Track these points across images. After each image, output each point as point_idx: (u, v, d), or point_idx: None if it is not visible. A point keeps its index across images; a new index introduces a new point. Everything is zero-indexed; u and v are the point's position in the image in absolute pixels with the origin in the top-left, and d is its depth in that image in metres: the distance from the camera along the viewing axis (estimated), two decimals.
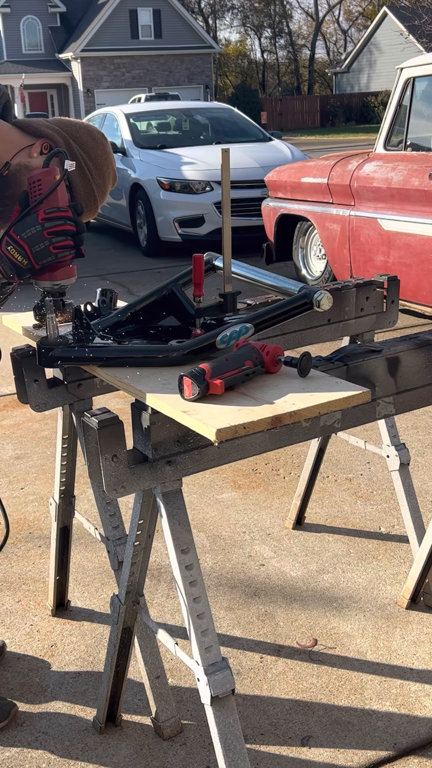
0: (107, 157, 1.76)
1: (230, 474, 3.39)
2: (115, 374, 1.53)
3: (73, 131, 1.72)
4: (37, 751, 1.97)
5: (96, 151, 1.73)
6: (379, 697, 2.10)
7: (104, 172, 1.75)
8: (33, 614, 2.50)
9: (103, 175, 1.74)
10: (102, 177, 1.74)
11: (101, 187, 1.76)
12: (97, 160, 1.73)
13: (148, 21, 36.05)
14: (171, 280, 1.78)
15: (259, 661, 2.26)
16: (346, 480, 3.31)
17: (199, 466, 1.52)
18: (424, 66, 5.02)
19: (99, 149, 1.74)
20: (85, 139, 1.73)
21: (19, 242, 1.54)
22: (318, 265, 6.23)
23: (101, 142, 1.75)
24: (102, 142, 1.76)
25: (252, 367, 1.43)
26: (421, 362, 1.77)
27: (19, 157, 1.66)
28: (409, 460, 2.45)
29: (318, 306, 1.61)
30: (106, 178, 1.76)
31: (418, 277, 4.85)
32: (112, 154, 1.79)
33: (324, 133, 32.62)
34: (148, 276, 7.58)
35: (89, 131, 1.75)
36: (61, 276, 1.61)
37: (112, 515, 2.01)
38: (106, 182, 1.77)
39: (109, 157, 1.76)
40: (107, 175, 1.76)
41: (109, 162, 1.76)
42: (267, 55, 57.46)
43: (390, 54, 36.19)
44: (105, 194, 1.78)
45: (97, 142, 1.74)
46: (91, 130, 1.75)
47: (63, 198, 1.58)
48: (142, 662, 1.93)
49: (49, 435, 3.89)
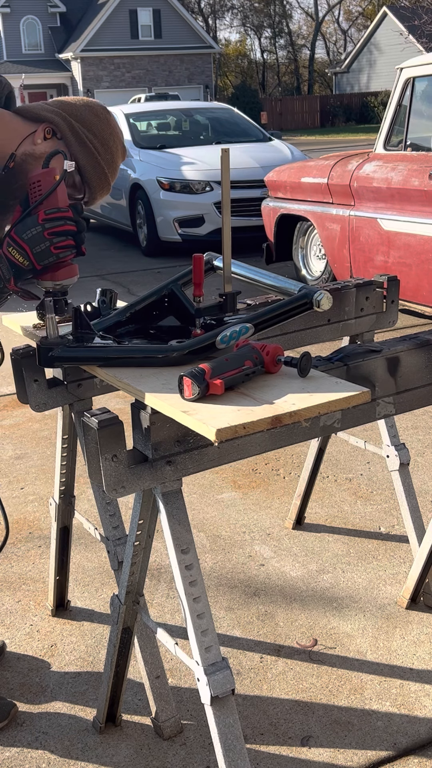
0: (112, 130, 1.73)
1: (230, 474, 3.39)
2: (115, 374, 1.53)
3: (74, 110, 1.70)
4: (37, 751, 1.97)
5: (100, 127, 1.71)
6: (379, 697, 2.10)
7: (111, 147, 1.72)
8: (33, 614, 2.50)
9: (110, 150, 1.72)
10: (110, 152, 1.72)
11: (110, 163, 1.74)
12: (103, 135, 1.71)
13: (148, 21, 36.04)
14: (171, 280, 1.78)
15: (259, 661, 2.26)
16: (346, 480, 3.31)
17: (199, 466, 1.52)
18: (424, 66, 5.02)
19: (103, 124, 1.72)
20: (87, 116, 1.70)
21: (20, 243, 1.54)
22: (318, 265, 6.23)
23: (104, 116, 1.73)
24: (105, 116, 1.73)
25: (252, 367, 1.43)
26: (421, 362, 1.77)
27: (23, 146, 1.65)
28: (409, 460, 2.45)
29: (318, 306, 1.61)
30: (114, 152, 1.73)
31: (418, 277, 4.85)
32: (118, 126, 1.76)
33: (324, 133, 32.62)
34: (148, 276, 7.58)
35: (90, 108, 1.72)
36: (63, 276, 1.61)
37: (112, 515, 2.01)
38: (115, 156, 1.74)
39: (114, 130, 1.74)
40: (115, 149, 1.74)
41: (115, 135, 1.74)
42: (267, 55, 57.50)
43: (390, 54, 36.19)
44: (116, 169, 1.76)
45: (100, 117, 1.72)
46: (93, 106, 1.73)
47: (63, 198, 1.57)
48: (142, 662, 1.93)
49: (49, 435, 3.89)
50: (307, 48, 56.53)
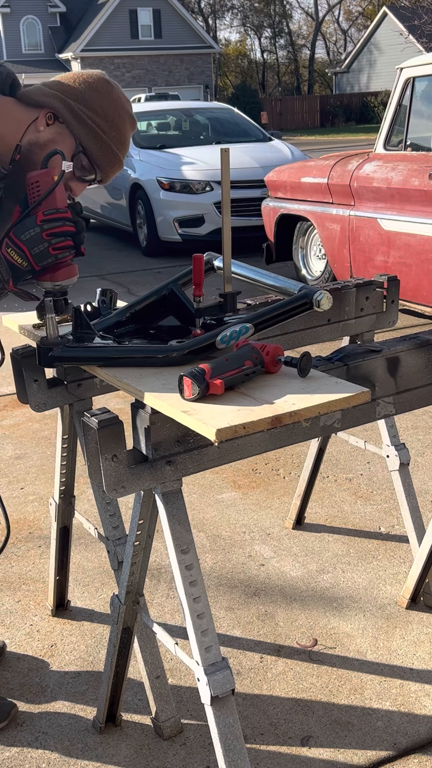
0: (116, 104, 1.68)
1: (230, 474, 3.39)
2: (115, 374, 1.53)
3: (74, 91, 1.65)
4: (37, 751, 1.97)
5: (102, 104, 1.66)
6: (379, 697, 2.10)
7: (116, 122, 1.68)
8: (33, 614, 2.50)
9: (115, 125, 1.68)
10: (115, 128, 1.68)
11: (118, 140, 1.69)
12: (106, 112, 1.66)
13: (148, 21, 36.04)
14: (171, 280, 1.78)
15: (259, 661, 2.26)
16: (346, 480, 3.31)
17: (199, 466, 1.52)
18: (424, 66, 5.02)
19: (105, 100, 1.67)
20: (88, 94, 1.65)
21: (18, 244, 1.54)
22: (318, 265, 6.23)
23: (106, 90, 1.67)
24: (107, 90, 1.67)
25: (252, 367, 1.43)
26: (421, 362, 1.77)
27: (28, 134, 1.62)
28: (409, 460, 2.45)
29: (318, 306, 1.61)
30: (120, 127, 1.68)
31: (418, 277, 4.85)
32: (123, 96, 1.70)
33: (324, 133, 32.62)
34: (148, 276, 7.58)
35: (90, 84, 1.67)
36: (62, 276, 1.61)
37: (112, 515, 2.01)
38: (122, 131, 1.69)
39: (118, 104, 1.68)
40: (121, 123, 1.68)
41: (120, 108, 1.68)
42: (267, 55, 57.49)
43: (390, 54, 36.19)
44: (125, 142, 1.71)
45: (101, 92, 1.67)
46: (93, 83, 1.67)
47: (61, 199, 1.57)
48: (142, 662, 1.93)
49: (49, 435, 3.89)
50: (307, 48, 56.54)
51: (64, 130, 1.65)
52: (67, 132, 1.65)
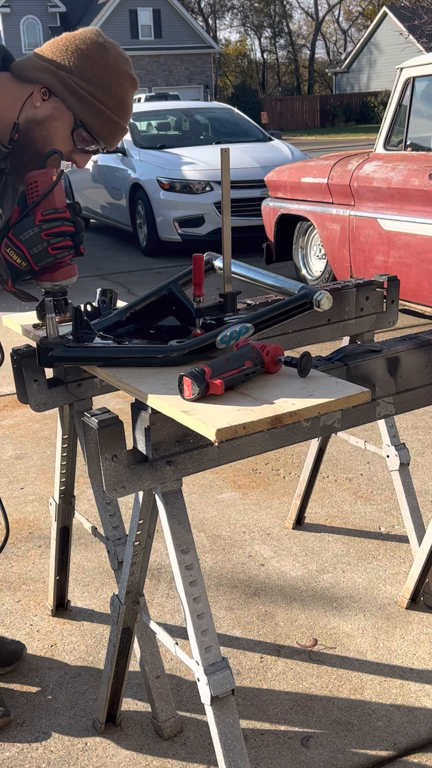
0: (113, 69, 1.62)
1: (230, 474, 3.39)
2: (115, 374, 1.53)
3: (66, 62, 1.60)
4: (37, 751, 1.97)
5: (97, 72, 1.61)
6: (379, 697, 2.10)
7: (115, 90, 1.62)
8: (33, 614, 2.50)
9: (114, 93, 1.62)
10: (113, 95, 1.62)
11: (118, 107, 1.64)
12: (102, 81, 1.61)
13: (148, 21, 36.05)
14: (171, 280, 1.78)
15: (259, 661, 2.26)
16: (346, 480, 3.31)
17: (199, 466, 1.52)
18: (424, 66, 5.02)
19: (100, 68, 1.61)
20: (81, 64, 1.60)
21: (17, 244, 1.54)
22: (318, 265, 6.23)
23: (100, 56, 1.61)
24: (101, 55, 1.61)
25: (252, 367, 1.43)
26: (421, 362, 1.77)
27: (24, 111, 1.60)
28: (409, 460, 2.45)
29: (318, 306, 1.61)
30: (119, 93, 1.63)
31: (418, 277, 4.85)
32: (120, 58, 1.63)
33: (324, 133, 32.62)
34: (148, 276, 7.58)
35: (83, 52, 1.60)
36: (62, 276, 1.61)
37: (112, 515, 2.01)
38: (122, 97, 1.64)
39: (114, 68, 1.61)
40: (119, 90, 1.63)
41: (117, 73, 1.62)
42: (267, 55, 57.50)
43: (390, 54, 36.19)
44: (126, 108, 1.66)
45: (95, 60, 1.61)
46: (85, 49, 1.60)
47: (60, 199, 1.57)
48: (142, 662, 1.93)
49: (49, 435, 3.89)
50: (307, 48, 56.55)
51: (60, 104, 1.61)
52: (64, 106, 1.61)
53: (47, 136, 1.62)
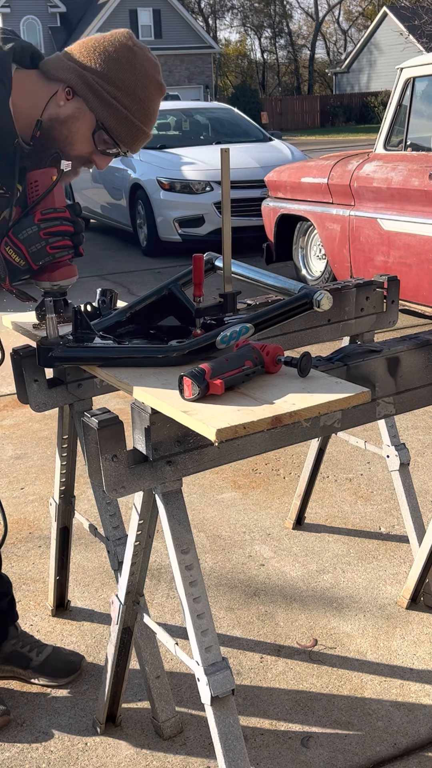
0: (139, 74, 1.60)
1: (230, 474, 3.39)
2: (115, 374, 1.53)
3: (93, 63, 1.59)
4: (37, 751, 1.97)
5: (123, 77, 1.59)
6: (379, 697, 2.10)
7: (140, 95, 1.61)
8: (33, 614, 2.50)
9: (139, 99, 1.61)
10: (139, 101, 1.61)
11: (142, 113, 1.63)
12: (127, 85, 1.60)
13: (148, 21, 36.05)
14: (171, 280, 1.78)
15: (259, 661, 2.26)
16: (346, 480, 3.31)
17: (199, 466, 1.52)
18: (424, 66, 5.02)
19: (127, 72, 1.59)
20: (108, 67, 1.59)
21: (16, 243, 1.54)
22: (318, 265, 6.23)
23: (128, 60, 1.60)
24: (129, 59, 1.59)
25: (252, 367, 1.43)
26: (421, 362, 1.77)
27: (48, 109, 1.59)
28: (409, 460, 2.45)
29: (318, 306, 1.61)
30: (144, 99, 1.62)
31: (418, 277, 4.85)
32: (148, 63, 1.62)
33: (324, 133, 32.61)
34: (148, 276, 7.58)
35: (110, 55, 1.59)
36: (60, 276, 1.61)
37: (112, 515, 2.01)
38: (147, 103, 1.63)
39: (141, 73, 1.60)
40: (145, 95, 1.62)
41: (144, 78, 1.61)
42: (267, 55, 57.49)
43: (390, 54, 36.19)
44: (151, 114, 1.64)
45: (122, 63, 1.59)
46: (113, 52, 1.60)
47: (60, 198, 1.58)
48: (142, 662, 1.93)
49: (49, 435, 3.89)
50: (307, 48, 56.54)
51: (83, 105, 1.60)
52: (86, 107, 1.61)
53: (68, 135, 1.61)
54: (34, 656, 2.18)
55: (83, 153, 1.65)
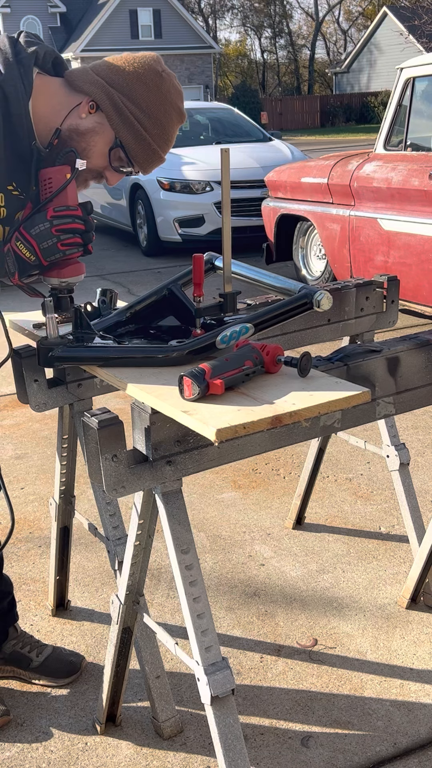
0: (163, 98, 1.62)
1: (230, 474, 3.39)
2: (115, 374, 1.53)
3: (120, 81, 1.60)
4: (37, 751, 1.97)
5: (148, 98, 1.61)
6: (379, 697, 2.10)
7: (161, 119, 1.63)
8: (33, 614, 2.50)
9: (159, 123, 1.63)
10: (159, 125, 1.63)
11: (160, 137, 1.64)
12: (151, 108, 1.61)
13: (148, 21, 36.06)
14: (171, 280, 1.78)
15: (259, 661, 2.26)
16: (346, 480, 3.31)
17: (199, 466, 1.52)
18: (424, 66, 5.02)
19: (152, 94, 1.61)
20: (134, 87, 1.60)
21: (27, 238, 1.55)
22: (318, 265, 6.23)
23: (154, 83, 1.61)
24: (155, 83, 1.61)
25: (252, 367, 1.43)
26: (421, 362, 1.77)
27: (69, 119, 1.60)
28: (409, 460, 2.45)
29: (318, 306, 1.61)
30: (164, 124, 1.64)
31: (418, 277, 4.85)
32: (173, 89, 1.64)
33: (324, 133, 32.61)
34: (148, 276, 7.58)
35: (139, 76, 1.61)
36: (69, 273, 1.62)
37: (112, 515, 2.01)
38: (167, 128, 1.64)
39: (165, 98, 1.62)
40: (166, 121, 1.64)
41: (167, 103, 1.62)
42: (267, 55, 57.49)
43: (390, 54, 36.20)
44: (168, 140, 1.66)
45: (148, 86, 1.61)
46: (142, 74, 1.61)
47: (73, 196, 1.59)
48: (142, 662, 1.93)
49: (49, 435, 3.89)
50: (307, 48, 56.54)
51: (104, 120, 1.61)
52: (107, 123, 1.61)
53: (86, 148, 1.62)
54: (34, 657, 2.19)
55: (97, 167, 1.66)
